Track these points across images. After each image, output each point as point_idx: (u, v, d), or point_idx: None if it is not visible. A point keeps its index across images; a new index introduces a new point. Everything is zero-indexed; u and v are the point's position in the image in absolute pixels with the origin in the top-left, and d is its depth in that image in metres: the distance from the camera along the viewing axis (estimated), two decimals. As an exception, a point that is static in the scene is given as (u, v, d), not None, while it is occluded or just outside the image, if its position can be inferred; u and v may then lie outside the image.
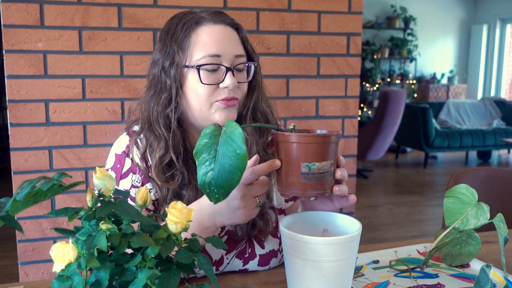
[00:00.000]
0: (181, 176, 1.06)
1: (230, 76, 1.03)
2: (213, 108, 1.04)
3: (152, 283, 0.59)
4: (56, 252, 0.58)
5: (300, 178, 0.85)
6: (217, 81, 1.03)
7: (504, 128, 6.91)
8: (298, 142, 0.84)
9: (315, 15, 2.12)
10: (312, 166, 0.84)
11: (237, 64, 1.05)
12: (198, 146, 0.78)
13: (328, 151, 0.85)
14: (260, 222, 1.09)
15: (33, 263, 1.92)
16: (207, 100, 1.03)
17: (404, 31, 8.36)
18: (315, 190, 0.86)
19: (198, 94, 1.03)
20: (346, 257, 0.82)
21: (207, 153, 0.77)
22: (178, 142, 1.06)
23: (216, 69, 1.03)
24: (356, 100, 2.23)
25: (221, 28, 1.05)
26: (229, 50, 1.04)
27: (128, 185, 1.08)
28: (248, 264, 1.11)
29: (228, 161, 0.75)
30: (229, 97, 1.03)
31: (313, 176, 0.85)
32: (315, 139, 0.84)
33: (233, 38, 1.06)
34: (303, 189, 0.85)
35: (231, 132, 0.76)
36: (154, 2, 1.93)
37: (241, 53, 1.07)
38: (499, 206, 1.38)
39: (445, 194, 1.07)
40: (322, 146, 0.84)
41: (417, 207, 4.63)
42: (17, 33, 1.81)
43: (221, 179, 0.76)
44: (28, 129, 1.86)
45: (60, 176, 0.60)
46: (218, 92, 1.03)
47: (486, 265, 0.94)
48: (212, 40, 1.03)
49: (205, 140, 0.78)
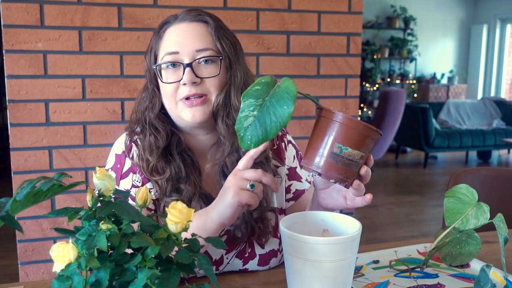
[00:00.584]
0: (177, 170, 1.06)
1: (187, 72, 1.02)
2: (179, 107, 1.05)
3: (152, 283, 0.59)
4: (56, 252, 0.58)
5: (328, 157, 0.85)
6: (178, 78, 1.03)
7: (504, 128, 6.91)
8: (341, 122, 0.84)
9: (315, 15, 2.12)
10: (345, 150, 0.84)
11: (197, 58, 1.03)
12: (248, 90, 0.79)
13: (364, 143, 0.85)
14: (260, 224, 1.09)
15: (33, 263, 1.92)
16: (172, 99, 1.05)
17: (404, 31, 8.36)
18: (338, 174, 0.86)
19: (165, 94, 1.06)
20: (346, 257, 0.82)
21: (254, 99, 0.77)
22: (161, 139, 1.06)
23: (177, 66, 1.03)
24: (356, 100, 2.23)
25: (184, 25, 1.05)
26: (189, 45, 1.03)
27: (129, 185, 1.08)
28: (248, 264, 1.11)
29: (272, 114, 0.75)
30: (190, 94, 1.02)
31: (341, 160, 0.85)
32: (358, 125, 0.84)
33: (195, 33, 1.04)
34: (327, 169, 0.85)
35: (285, 88, 0.76)
36: (154, 2, 1.93)
37: (204, 47, 1.04)
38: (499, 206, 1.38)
39: (445, 194, 1.07)
40: (361, 135, 0.84)
41: (417, 207, 4.63)
42: (17, 33, 1.81)
43: (259, 129, 0.75)
44: (28, 129, 1.86)
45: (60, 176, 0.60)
46: (182, 90, 1.03)
47: (486, 265, 0.94)
48: (171, 39, 1.05)
49: (257, 87, 0.78)
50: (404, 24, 8.29)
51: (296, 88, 0.76)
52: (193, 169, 1.08)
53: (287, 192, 1.19)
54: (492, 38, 8.82)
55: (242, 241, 1.11)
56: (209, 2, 1.98)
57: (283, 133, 1.22)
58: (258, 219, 1.09)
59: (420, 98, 8.53)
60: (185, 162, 1.08)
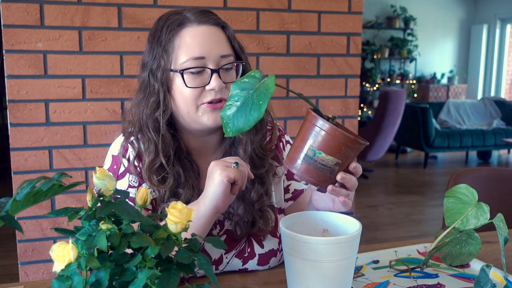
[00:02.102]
0: (176, 176, 1.06)
1: (215, 78, 1.02)
2: (200, 111, 1.04)
3: (152, 283, 0.59)
4: (56, 252, 0.58)
5: (303, 159, 0.87)
6: (202, 83, 1.02)
7: (504, 128, 6.91)
8: (320, 127, 0.85)
9: (315, 15, 2.12)
10: (318, 154, 0.85)
11: (223, 64, 1.04)
12: (238, 81, 0.81)
13: (340, 150, 0.86)
14: (260, 221, 1.09)
15: (33, 263, 1.92)
16: (193, 103, 1.03)
17: (404, 31, 8.36)
18: (309, 177, 0.87)
19: (184, 97, 1.03)
20: (346, 257, 0.82)
21: (240, 89, 0.80)
22: (168, 145, 1.05)
23: (201, 71, 1.02)
24: (356, 100, 2.23)
25: (205, 28, 1.04)
26: (214, 51, 1.03)
27: (125, 185, 1.08)
28: (248, 263, 1.11)
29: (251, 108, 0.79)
30: (215, 99, 1.02)
31: (313, 163, 0.86)
32: (334, 132, 0.85)
33: (218, 38, 1.04)
34: (301, 171, 0.87)
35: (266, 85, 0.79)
36: (154, 2, 1.93)
37: (227, 53, 1.05)
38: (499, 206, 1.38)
39: (445, 194, 1.07)
40: (338, 142, 0.85)
41: (417, 207, 4.63)
42: (17, 33, 1.81)
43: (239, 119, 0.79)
44: (28, 129, 1.86)
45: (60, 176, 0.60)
46: (205, 95, 1.03)
47: (486, 265, 0.94)
48: (196, 42, 1.02)
49: (246, 79, 0.81)
50: (404, 24, 8.29)
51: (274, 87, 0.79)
52: (192, 172, 1.08)
53: (286, 192, 1.19)
54: (492, 38, 8.82)
55: (242, 237, 1.11)
56: (209, 2, 1.98)
57: (281, 133, 1.22)
58: (259, 211, 1.09)
59: (420, 98, 8.53)
60: (184, 168, 1.08)
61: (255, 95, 0.79)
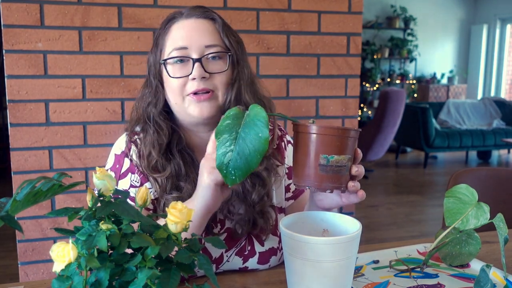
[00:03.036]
0: (176, 168, 1.06)
1: (196, 67, 1.02)
2: (186, 102, 1.05)
3: (152, 283, 0.59)
4: (56, 252, 0.58)
5: (318, 170, 0.85)
6: (186, 73, 1.03)
7: (504, 128, 6.91)
8: (318, 133, 0.85)
9: (315, 15, 2.12)
10: (331, 159, 0.85)
11: (206, 54, 1.04)
12: (220, 127, 0.78)
13: (347, 145, 0.86)
14: (261, 221, 1.09)
15: (33, 263, 1.92)
16: (179, 94, 1.05)
17: (404, 31, 8.36)
18: (332, 183, 0.86)
19: (172, 88, 1.05)
20: (346, 257, 0.82)
21: (228, 133, 0.77)
22: (165, 135, 1.07)
23: (185, 61, 1.04)
24: (356, 100, 2.23)
25: (191, 21, 1.06)
26: (198, 41, 1.04)
27: (127, 185, 1.08)
28: (248, 261, 1.11)
29: (249, 144, 0.75)
30: (199, 89, 1.02)
31: (330, 169, 0.85)
32: (336, 132, 0.85)
33: (203, 29, 1.05)
34: (320, 181, 0.86)
35: (255, 116, 0.76)
36: (154, 2, 1.93)
37: (212, 43, 1.05)
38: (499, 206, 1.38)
39: (445, 194, 1.07)
40: (341, 139, 0.85)
41: (417, 207, 4.63)
42: (17, 33, 1.81)
43: (240, 161, 0.75)
44: (28, 129, 1.86)
45: (60, 176, 0.60)
46: (190, 85, 1.04)
47: (486, 265, 0.94)
48: (180, 34, 1.05)
49: (227, 121, 0.78)
50: (404, 24, 8.29)
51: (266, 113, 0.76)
52: (193, 167, 1.09)
53: (287, 191, 1.19)
54: (492, 38, 8.82)
55: (242, 236, 1.11)
56: (209, 2, 1.98)
57: (283, 133, 1.22)
58: (260, 212, 1.09)
59: (420, 98, 8.53)
60: (185, 161, 1.08)
61: (247, 130, 0.75)
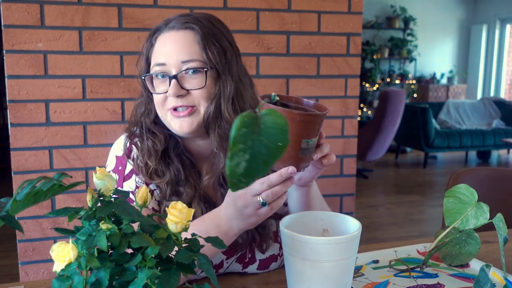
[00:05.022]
0: (176, 172, 1.06)
1: (172, 85, 1.01)
2: (168, 117, 1.05)
3: (152, 283, 0.59)
4: (56, 252, 0.58)
5: (298, 153, 0.87)
6: (166, 89, 1.03)
7: (503, 128, 6.91)
8: (304, 120, 0.85)
9: (315, 15, 2.12)
10: (310, 142, 0.87)
11: (183, 70, 1.02)
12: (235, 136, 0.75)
13: (320, 128, 0.89)
14: (260, 232, 1.09)
15: (33, 263, 1.92)
16: (162, 109, 1.06)
17: (404, 31, 8.36)
18: (305, 163, 0.89)
19: (156, 102, 1.07)
20: (346, 257, 0.82)
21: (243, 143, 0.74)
22: (160, 142, 1.07)
23: (165, 76, 1.04)
24: (356, 100, 2.23)
25: (172, 34, 1.04)
26: (175, 56, 1.02)
27: (133, 186, 1.08)
28: (248, 268, 1.11)
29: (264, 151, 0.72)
30: (177, 105, 1.02)
31: (307, 151, 0.88)
32: (318, 118, 0.87)
33: (181, 43, 1.03)
34: (298, 163, 0.88)
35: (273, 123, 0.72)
36: (154, 2, 1.93)
37: (189, 58, 1.02)
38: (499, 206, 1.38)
39: (445, 194, 1.07)
40: (319, 123, 0.88)
41: (417, 207, 4.63)
42: (18, 33, 1.81)
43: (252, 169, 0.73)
44: (28, 129, 1.86)
45: (60, 176, 0.60)
46: (169, 101, 1.04)
47: (486, 265, 0.94)
48: (160, 49, 1.05)
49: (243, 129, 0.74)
50: (404, 24, 8.29)
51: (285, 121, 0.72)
52: (193, 171, 1.08)
53: None
54: (492, 38, 8.82)
55: (244, 247, 1.10)
56: (209, 2, 1.98)
57: None
58: (259, 226, 1.08)
59: (420, 98, 8.53)
60: (184, 165, 1.08)
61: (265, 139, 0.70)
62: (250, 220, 0.90)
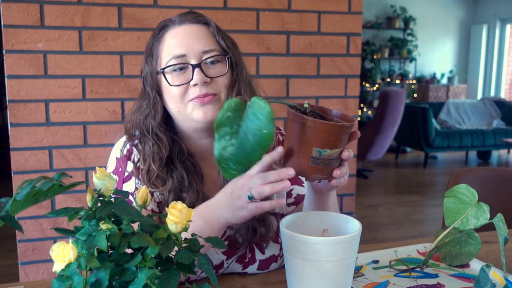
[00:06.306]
0: (179, 179, 1.06)
1: (197, 73, 1.02)
2: (189, 108, 1.04)
3: (152, 283, 0.59)
4: (56, 252, 0.58)
5: (309, 161, 0.84)
6: (187, 80, 1.03)
7: (504, 128, 6.91)
8: (314, 127, 0.82)
9: (315, 15, 2.12)
10: (323, 153, 0.83)
11: (204, 59, 1.04)
12: (220, 118, 0.75)
13: (341, 140, 0.85)
14: (261, 229, 1.09)
15: (33, 263, 1.92)
16: (182, 101, 1.04)
17: (404, 31, 8.36)
18: (321, 175, 0.86)
19: (172, 97, 1.05)
20: (346, 257, 0.82)
21: (229, 127, 0.74)
22: (165, 148, 1.06)
23: (185, 68, 1.04)
24: (356, 100, 2.23)
25: (186, 27, 1.06)
26: (195, 47, 1.04)
27: (132, 187, 1.07)
28: (248, 268, 1.11)
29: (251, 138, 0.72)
30: (201, 94, 1.02)
31: (321, 162, 0.84)
32: (332, 128, 0.83)
33: (199, 34, 1.05)
34: (309, 172, 0.85)
35: (258, 110, 0.73)
36: (154, 2, 1.93)
37: (209, 48, 1.05)
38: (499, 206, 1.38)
39: (445, 194, 1.07)
40: (337, 135, 0.83)
41: (417, 207, 4.63)
42: (17, 33, 1.81)
43: (241, 156, 0.72)
44: (28, 129, 1.86)
45: (60, 176, 0.60)
46: (192, 91, 1.03)
47: (486, 265, 0.94)
48: (177, 41, 1.05)
49: (228, 113, 0.74)
50: (404, 24, 8.29)
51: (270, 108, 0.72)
52: (196, 175, 1.08)
53: (288, 196, 1.18)
54: (492, 38, 8.82)
55: (243, 245, 1.10)
56: (209, 2, 1.98)
57: (278, 131, 1.21)
58: (261, 221, 1.08)
59: (420, 98, 8.52)
60: (188, 170, 1.07)
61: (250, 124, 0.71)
62: (239, 213, 0.90)
